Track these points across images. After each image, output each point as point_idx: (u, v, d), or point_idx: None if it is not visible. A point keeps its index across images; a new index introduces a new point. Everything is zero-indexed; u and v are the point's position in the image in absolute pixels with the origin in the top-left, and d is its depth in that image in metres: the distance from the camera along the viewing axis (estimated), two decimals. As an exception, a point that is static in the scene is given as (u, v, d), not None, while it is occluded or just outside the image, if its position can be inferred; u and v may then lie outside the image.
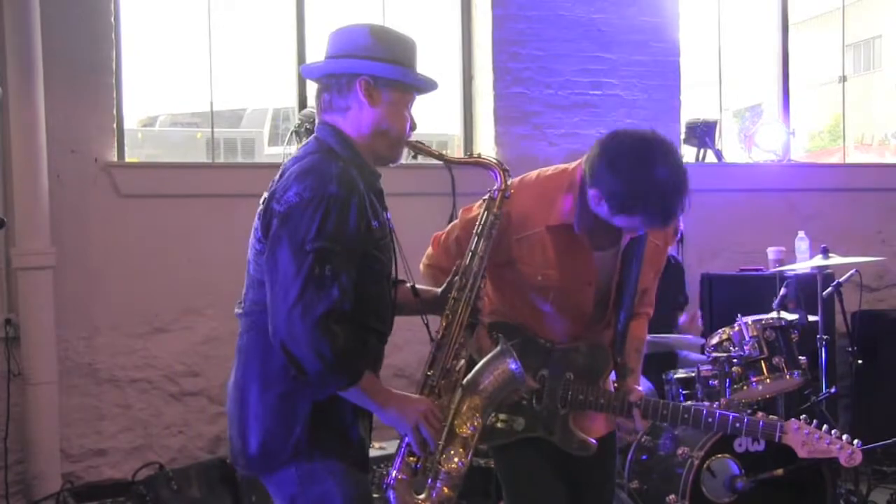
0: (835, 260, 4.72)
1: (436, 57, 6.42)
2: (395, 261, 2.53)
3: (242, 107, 9.68)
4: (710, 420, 2.76)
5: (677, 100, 6.23)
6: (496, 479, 4.55)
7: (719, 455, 3.97)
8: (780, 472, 3.92)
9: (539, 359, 2.82)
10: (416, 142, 2.60)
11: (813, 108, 11.84)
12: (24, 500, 4.78)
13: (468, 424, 2.50)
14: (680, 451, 4.00)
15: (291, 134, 5.52)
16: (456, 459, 2.46)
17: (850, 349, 5.11)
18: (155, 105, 7.99)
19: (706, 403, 4.21)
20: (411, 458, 2.45)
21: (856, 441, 2.76)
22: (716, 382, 4.27)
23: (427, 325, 2.61)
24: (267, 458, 2.38)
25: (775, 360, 4.23)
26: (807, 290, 4.96)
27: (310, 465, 2.36)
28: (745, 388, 4.22)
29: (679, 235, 5.22)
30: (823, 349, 4.71)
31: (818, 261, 4.73)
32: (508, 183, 2.62)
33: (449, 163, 2.69)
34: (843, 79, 7.75)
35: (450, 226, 2.96)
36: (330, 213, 2.25)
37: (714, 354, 4.29)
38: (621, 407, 2.79)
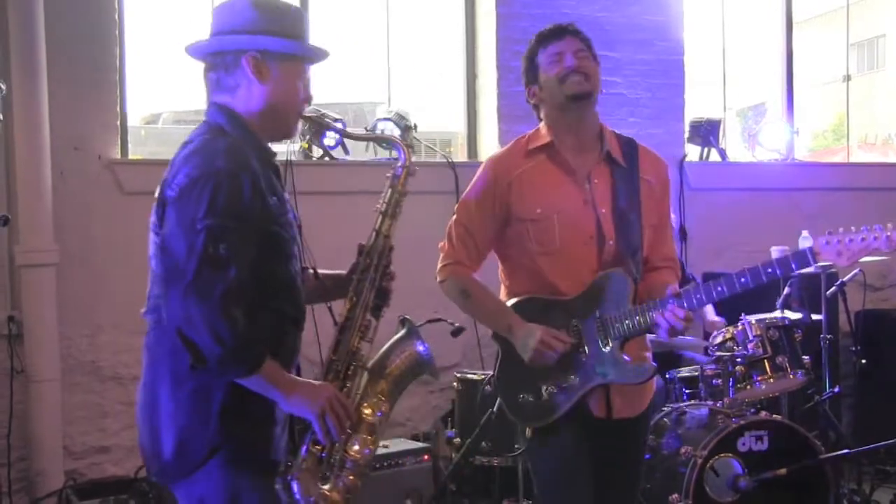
0: (838, 259, 4.71)
1: (439, 55, 6.42)
2: (300, 247, 2.44)
3: (245, 104, 9.66)
4: (742, 280, 2.68)
5: (681, 98, 6.22)
6: (497, 478, 4.57)
7: (722, 454, 3.96)
8: (783, 471, 3.92)
9: (565, 313, 2.79)
10: (312, 115, 2.50)
11: (817, 108, 11.81)
12: (26, 497, 4.78)
13: (375, 410, 2.43)
14: (683, 451, 4.00)
15: (294, 132, 5.52)
16: (361, 447, 2.39)
17: (853, 349, 5.11)
18: (158, 102, 8.00)
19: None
20: (316, 447, 2.35)
21: (888, 224, 2.58)
22: (719, 381, 4.27)
23: (331, 310, 2.53)
24: (183, 460, 2.25)
25: (779, 359, 4.24)
26: (810, 290, 4.96)
27: (223, 465, 2.24)
28: (748, 387, 4.23)
29: (678, 227, 5.21)
30: (827, 349, 4.70)
31: (822, 260, 4.71)
32: (413, 160, 2.58)
33: (348, 138, 2.65)
34: (847, 78, 7.74)
35: (449, 225, 2.99)
36: (219, 188, 2.14)
37: (717, 353, 4.29)
38: (658, 306, 2.71)
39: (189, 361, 2.16)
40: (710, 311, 5.12)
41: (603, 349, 2.74)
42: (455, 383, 4.81)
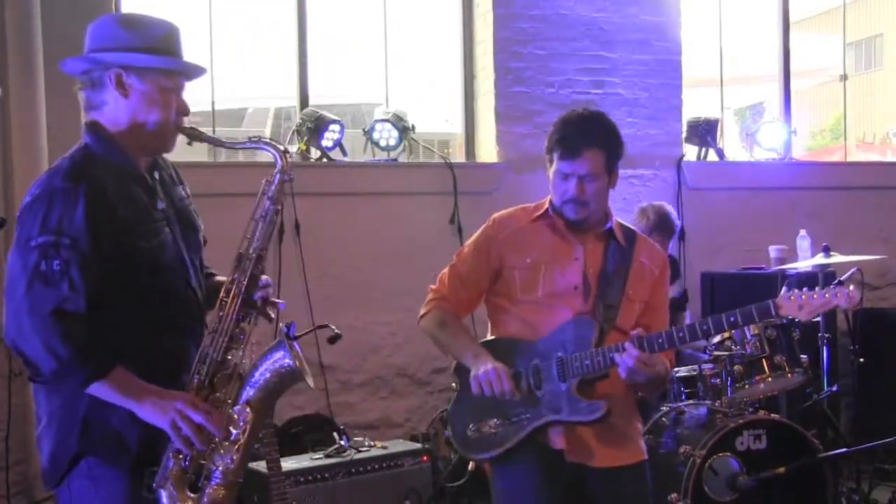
0: (836, 258, 4.72)
1: (437, 56, 6.42)
2: (186, 252, 2.46)
3: (244, 106, 9.67)
4: (705, 328, 2.71)
5: (678, 98, 6.23)
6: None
7: (721, 454, 3.96)
8: (781, 470, 3.92)
9: (529, 354, 2.85)
10: (190, 128, 2.49)
11: (814, 107, 11.82)
12: (25, 500, 4.78)
13: (239, 420, 2.37)
14: (682, 450, 4.00)
15: (293, 133, 5.52)
16: (226, 458, 2.34)
17: (851, 347, 5.11)
18: (156, 105, 8.00)
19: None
20: (179, 457, 2.31)
21: (851, 286, 2.60)
22: (718, 381, 4.27)
23: (203, 319, 2.53)
24: (54, 469, 2.32)
25: (777, 358, 4.24)
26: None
27: (85, 474, 2.29)
28: (747, 386, 4.23)
29: (678, 230, 5.22)
30: (825, 347, 4.71)
31: (819, 259, 4.73)
32: (289, 162, 2.50)
33: (227, 147, 2.60)
34: (844, 77, 7.74)
35: (443, 271, 3.09)
36: (53, 206, 2.21)
37: (716, 353, 4.30)
38: (618, 347, 2.72)
39: (28, 374, 2.24)
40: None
41: (559, 387, 2.79)
42: (454, 384, 4.79)
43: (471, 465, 4.62)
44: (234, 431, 2.36)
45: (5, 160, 4.79)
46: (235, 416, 2.37)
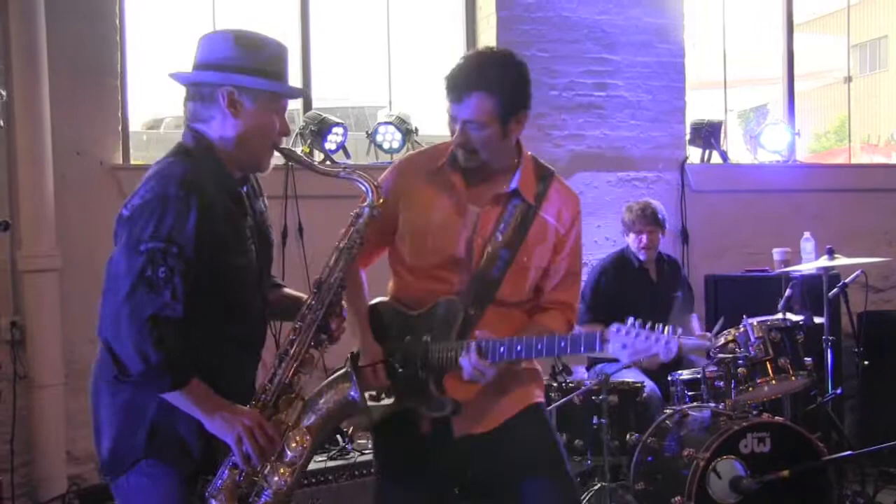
0: (840, 261, 4.71)
1: (440, 58, 6.42)
2: (267, 267, 2.55)
3: (247, 109, 9.66)
4: (539, 347, 2.55)
5: (682, 101, 6.22)
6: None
7: (725, 456, 3.96)
8: (785, 473, 3.92)
9: (404, 328, 2.73)
10: (287, 149, 2.59)
11: (819, 109, 11.82)
12: (29, 502, 4.78)
13: (298, 444, 2.43)
14: (685, 453, 4.00)
15: (296, 135, 5.53)
16: (279, 478, 2.39)
17: (856, 350, 5.09)
18: (160, 107, 8.02)
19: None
20: (235, 471, 2.38)
21: (678, 331, 2.43)
22: (721, 384, 4.27)
23: (276, 337, 2.59)
24: (115, 463, 2.40)
25: (781, 361, 4.24)
26: (812, 291, 4.95)
27: (146, 474, 2.37)
28: (750, 389, 4.23)
29: (664, 219, 5.18)
30: (829, 350, 4.70)
31: (824, 261, 4.72)
32: (380, 200, 2.55)
33: (321, 173, 2.61)
34: (849, 79, 7.74)
35: None
36: (166, 213, 2.26)
37: (720, 356, 4.29)
38: (466, 347, 2.59)
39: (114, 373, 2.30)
40: (696, 326, 5.18)
41: (419, 373, 2.67)
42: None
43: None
44: (290, 454, 2.42)
45: (10, 164, 4.80)
46: (296, 440, 2.43)
